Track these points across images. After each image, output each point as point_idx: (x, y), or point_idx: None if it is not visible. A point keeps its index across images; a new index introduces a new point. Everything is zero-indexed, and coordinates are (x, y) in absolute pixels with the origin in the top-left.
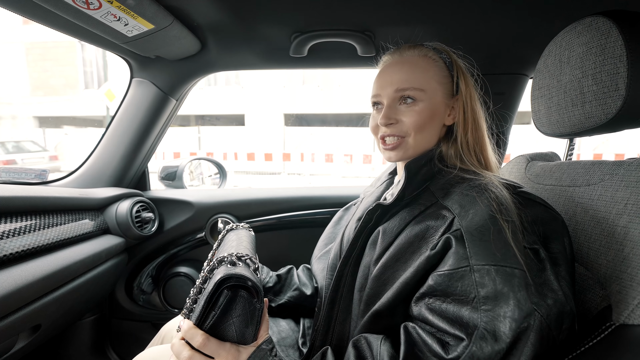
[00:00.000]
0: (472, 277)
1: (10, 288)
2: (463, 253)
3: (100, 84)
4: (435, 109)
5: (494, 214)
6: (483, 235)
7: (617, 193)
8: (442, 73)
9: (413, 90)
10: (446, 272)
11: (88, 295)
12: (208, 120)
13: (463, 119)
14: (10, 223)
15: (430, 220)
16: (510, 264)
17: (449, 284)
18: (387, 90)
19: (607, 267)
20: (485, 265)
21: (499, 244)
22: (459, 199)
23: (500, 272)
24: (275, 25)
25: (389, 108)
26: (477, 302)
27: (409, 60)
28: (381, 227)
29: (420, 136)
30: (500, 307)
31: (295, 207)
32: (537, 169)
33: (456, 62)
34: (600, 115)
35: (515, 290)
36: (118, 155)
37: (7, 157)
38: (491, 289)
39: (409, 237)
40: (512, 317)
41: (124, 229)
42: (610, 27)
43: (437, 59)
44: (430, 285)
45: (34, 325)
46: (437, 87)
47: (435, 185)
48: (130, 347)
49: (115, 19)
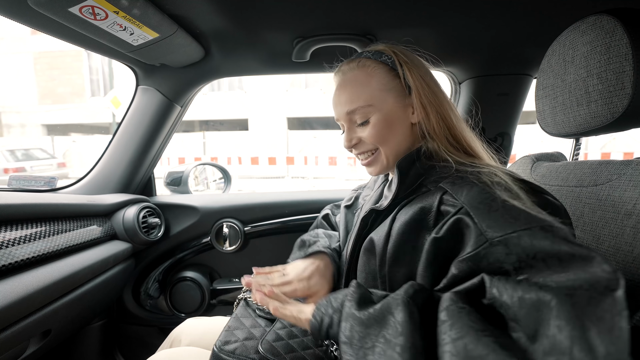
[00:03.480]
0: (495, 252)
1: (21, 294)
2: (476, 230)
3: (106, 92)
4: (391, 117)
5: (494, 189)
6: (490, 206)
7: (625, 193)
8: (387, 77)
9: (360, 109)
10: (467, 256)
11: (96, 300)
12: (212, 125)
13: (424, 112)
14: (21, 230)
15: (422, 201)
16: (530, 225)
17: (475, 266)
18: (340, 114)
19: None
20: (505, 236)
21: (509, 211)
22: (452, 179)
23: (524, 237)
24: (277, 31)
25: (348, 131)
26: (511, 272)
27: (349, 79)
28: (373, 233)
29: (388, 146)
30: (540, 270)
31: (299, 210)
32: (543, 170)
33: (400, 58)
34: (607, 114)
35: (551, 246)
36: (124, 162)
37: (16, 164)
38: (522, 255)
39: (404, 229)
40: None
41: (131, 235)
42: (615, 26)
43: (378, 65)
44: (455, 274)
45: (45, 330)
46: (385, 95)
47: (428, 180)
48: (138, 351)
49: (121, 28)
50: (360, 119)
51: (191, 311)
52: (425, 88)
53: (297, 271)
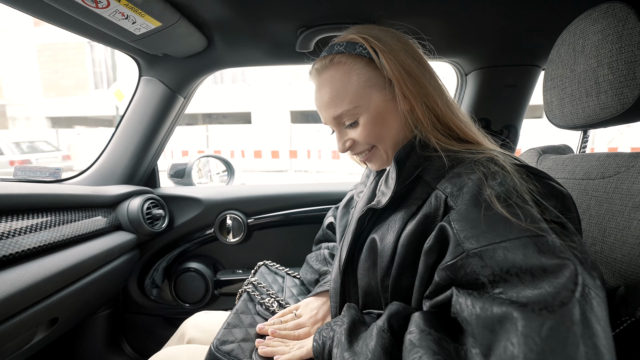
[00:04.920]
0: (471, 264)
1: (29, 282)
2: (455, 240)
3: (109, 84)
4: (379, 112)
5: (484, 188)
6: (471, 213)
7: (633, 186)
8: (367, 72)
9: (347, 113)
10: (445, 265)
11: (102, 290)
12: (215, 118)
13: (408, 103)
14: (27, 220)
15: (426, 209)
16: (506, 238)
17: (453, 276)
18: (327, 119)
19: (622, 262)
20: (480, 249)
21: (490, 220)
22: (451, 177)
23: (499, 250)
24: (281, 20)
25: (339, 134)
26: (487, 288)
27: (327, 79)
28: (376, 235)
29: (384, 142)
30: (514, 286)
31: (302, 203)
32: (549, 162)
33: (374, 46)
34: (617, 105)
35: (524, 261)
36: (128, 153)
37: (22, 157)
38: (496, 269)
39: (409, 239)
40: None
41: (135, 226)
42: (627, 13)
43: (354, 59)
44: (436, 282)
45: (52, 318)
46: (369, 91)
47: (428, 174)
48: (143, 340)
49: (123, 17)
50: (349, 121)
51: (195, 301)
52: (406, 77)
53: (310, 313)
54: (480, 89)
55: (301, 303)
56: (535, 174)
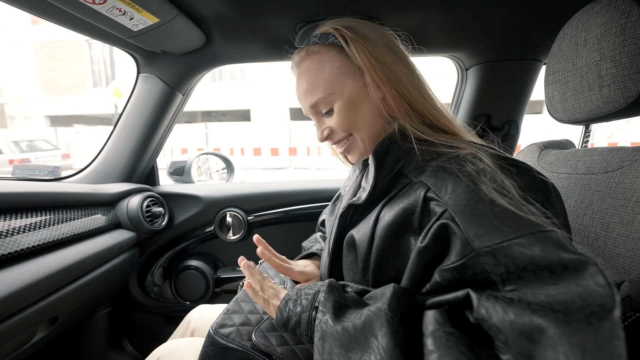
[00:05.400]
0: (482, 263)
1: (28, 281)
2: (462, 238)
3: (108, 83)
4: (353, 100)
5: (479, 184)
6: (477, 210)
7: (636, 180)
8: (339, 59)
9: (322, 100)
10: (451, 266)
11: (102, 288)
12: (214, 116)
13: (379, 91)
14: (26, 218)
15: (404, 200)
16: (521, 233)
17: (460, 277)
18: (305, 108)
19: (625, 257)
20: (493, 247)
21: (499, 215)
22: (434, 171)
23: (514, 246)
24: (280, 15)
25: (318, 124)
26: (499, 287)
27: (304, 70)
28: (354, 230)
29: (360, 129)
30: (529, 282)
31: (302, 200)
32: (551, 157)
33: (345, 35)
34: (620, 99)
35: (542, 257)
36: (127, 151)
37: (21, 155)
38: (511, 267)
39: (388, 232)
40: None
41: (135, 224)
42: (631, 6)
43: (326, 49)
44: (437, 281)
45: (52, 317)
46: (342, 78)
47: (408, 167)
48: (145, 338)
49: (121, 13)
50: (325, 109)
51: (196, 299)
52: (375, 64)
53: (296, 263)
54: (481, 84)
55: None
56: (515, 166)
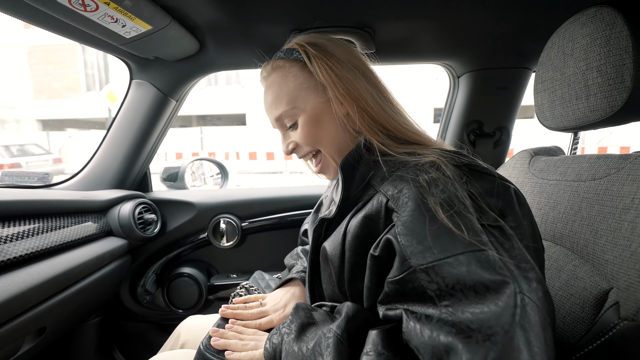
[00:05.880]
0: (418, 279)
1: (14, 292)
2: (401, 255)
3: (101, 87)
4: (317, 114)
5: (427, 197)
6: (418, 226)
7: (623, 187)
8: (302, 75)
9: (285, 114)
10: (394, 279)
11: (93, 297)
12: (209, 120)
13: (342, 108)
14: (14, 227)
15: (369, 210)
16: (451, 253)
17: (402, 289)
18: (272, 121)
19: (613, 264)
20: (426, 265)
21: (434, 233)
22: (393, 180)
23: (444, 266)
24: (273, 22)
25: (283, 137)
26: (435, 300)
27: (270, 83)
28: (326, 243)
29: (325, 146)
30: (459, 300)
31: (297, 206)
32: (541, 164)
33: (309, 52)
34: (606, 108)
35: (468, 277)
36: (119, 157)
37: (11, 160)
38: (442, 285)
39: (357, 244)
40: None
41: (126, 231)
42: (615, 17)
43: (290, 64)
44: (386, 292)
45: (40, 327)
46: (305, 93)
47: (375, 178)
48: (136, 348)
49: (113, 20)
50: (289, 122)
51: (189, 307)
52: (337, 80)
53: (273, 301)
54: (472, 91)
55: (268, 294)
56: (478, 171)
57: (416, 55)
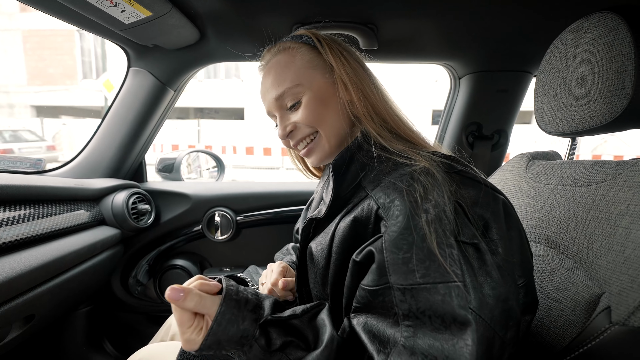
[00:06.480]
0: (392, 295)
1: (2, 278)
2: (383, 268)
3: (98, 74)
4: (322, 93)
5: (419, 214)
6: (405, 245)
7: (619, 194)
8: (310, 55)
9: (288, 90)
10: (366, 288)
11: (83, 286)
12: (207, 113)
13: (346, 90)
14: (4, 212)
15: (358, 214)
16: (432, 280)
17: (371, 299)
18: (269, 102)
19: (607, 268)
20: (405, 286)
21: (420, 256)
22: (385, 187)
23: (422, 291)
24: (276, 15)
25: (281, 119)
26: (399, 318)
27: (273, 64)
28: (312, 243)
29: (327, 126)
30: (424, 324)
31: (292, 201)
32: (538, 168)
33: (319, 37)
34: (605, 114)
35: (440, 306)
36: (115, 146)
37: (4, 146)
38: (413, 307)
39: (343, 246)
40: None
41: (120, 221)
42: (618, 24)
43: (298, 45)
44: (356, 298)
45: (28, 315)
46: (312, 72)
47: (367, 179)
48: (126, 338)
49: (112, 4)
50: (291, 101)
51: None
52: (345, 63)
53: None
54: (473, 92)
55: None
56: (469, 179)
57: (418, 54)
